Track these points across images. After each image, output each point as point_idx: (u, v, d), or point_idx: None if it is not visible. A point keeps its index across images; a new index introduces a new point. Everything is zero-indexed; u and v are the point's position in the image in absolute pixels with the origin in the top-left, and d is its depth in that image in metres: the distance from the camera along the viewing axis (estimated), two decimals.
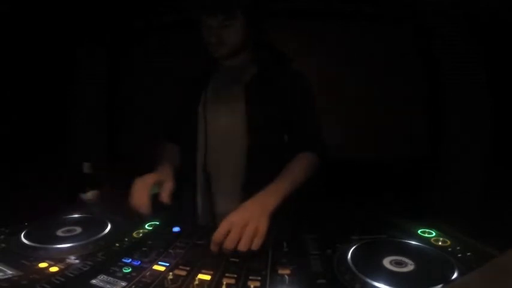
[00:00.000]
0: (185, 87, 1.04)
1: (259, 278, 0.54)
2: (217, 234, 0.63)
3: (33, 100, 1.46)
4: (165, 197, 0.79)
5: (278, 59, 0.99)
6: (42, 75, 1.50)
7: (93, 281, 0.53)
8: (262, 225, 0.65)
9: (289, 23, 1.61)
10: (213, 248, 0.63)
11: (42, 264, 0.58)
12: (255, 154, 0.89)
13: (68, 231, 0.71)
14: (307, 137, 0.94)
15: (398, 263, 0.54)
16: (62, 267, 0.58)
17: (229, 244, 0.61)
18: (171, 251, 0.64)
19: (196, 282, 0.53)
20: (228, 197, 0.91)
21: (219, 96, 0.94)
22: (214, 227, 0.66)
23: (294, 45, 1.27)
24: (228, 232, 0.63)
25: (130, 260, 0.60)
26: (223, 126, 0.92)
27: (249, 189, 0.86)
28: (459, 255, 0.59)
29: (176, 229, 0.75)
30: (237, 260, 0.61)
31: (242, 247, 0.61)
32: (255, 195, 0.75)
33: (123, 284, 0.52)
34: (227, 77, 0.96)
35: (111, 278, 0.54)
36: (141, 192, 0.76)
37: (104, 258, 0.62)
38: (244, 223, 0.64)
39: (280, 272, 0.56)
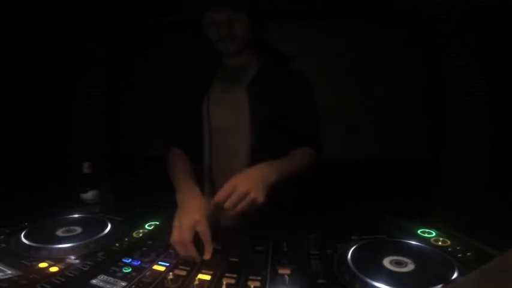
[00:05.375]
0: (187, 88, 1.04)
1: (259, 278, 0.54)
2: (220, 195, 0.68)
3: (33, 100, 1.46)
4: (207, 254, 0.65)
5: (279, 58, 0.98)
6: (42, 75, 1.50)
7: (93, 281, 0.53)
8: (261, 197, 0.69)
9: (289, 23, 1.61)
10: (212, 207, 0.68)
11: (42, 264, 0.58)
12: (258, 153, 0.89)
13: (68, 231, 0.72)
14: (306, 135, 0.94)
15: (398, 263, 0.54)
16: (62, 267, 0.58)
17: (228, 205, 0.67)
18: (171, 251, 0.64)
19: (196, 282, 0.53)
20: None
21: (222, 96, 0.94)
22: (216, 225, 0.67)
23: (294, 45, 1.27)
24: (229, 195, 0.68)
25: (130, 260, 0.61)
26: (227, 126, 0.92)
27: None
28: (459, 255, 0.59)
29: None
30: (237, 260, 0.61)
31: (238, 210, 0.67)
32: (257, 165, 0.77)
33: (123, 284, 0.52)
34: (229, 76, 0.96)
35: (111, 278, 0.54)
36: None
37: (104, 258, 0.62)
38: (246, 190, 0.68)
39: (280, 272, 0.56)
